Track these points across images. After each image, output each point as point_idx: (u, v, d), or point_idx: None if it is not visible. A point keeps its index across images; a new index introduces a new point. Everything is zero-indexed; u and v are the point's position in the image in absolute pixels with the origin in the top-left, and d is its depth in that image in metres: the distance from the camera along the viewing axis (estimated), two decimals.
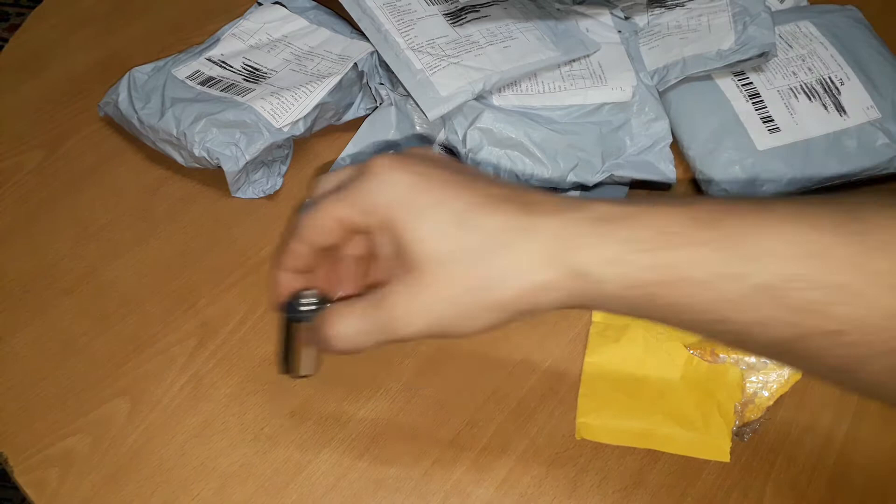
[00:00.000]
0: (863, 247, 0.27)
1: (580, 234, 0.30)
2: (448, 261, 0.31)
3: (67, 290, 0.49)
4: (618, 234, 0.29)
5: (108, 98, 0.55)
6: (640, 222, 0.29)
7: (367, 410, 0.44)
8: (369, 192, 0.32)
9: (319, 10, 0.60)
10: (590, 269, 0.29)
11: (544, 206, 0.31)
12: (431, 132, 0.55)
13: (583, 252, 0.30)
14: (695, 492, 0.42)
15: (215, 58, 0.56)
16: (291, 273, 0.36)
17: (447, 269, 0.31)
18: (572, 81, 0.54)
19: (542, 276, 0.30)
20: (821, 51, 0.56)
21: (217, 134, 0.50)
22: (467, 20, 0.56)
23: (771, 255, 0.28)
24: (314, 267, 0.36)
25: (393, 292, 0.32)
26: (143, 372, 0.46)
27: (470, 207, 0.31)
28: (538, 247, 0.30)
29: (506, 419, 0.44)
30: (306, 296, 0.35)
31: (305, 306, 0.35)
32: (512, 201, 0.31)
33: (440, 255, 0.31)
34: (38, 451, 0.43)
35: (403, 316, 0.31)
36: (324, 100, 0.52)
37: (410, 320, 0.31)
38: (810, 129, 0.53)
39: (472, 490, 0.42)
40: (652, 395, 0.44)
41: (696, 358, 0.45)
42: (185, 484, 0.42)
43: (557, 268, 0.30)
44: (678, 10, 0.59)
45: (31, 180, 0.54)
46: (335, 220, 0.33)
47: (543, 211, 0.31)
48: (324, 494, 0.42)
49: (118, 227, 0.52)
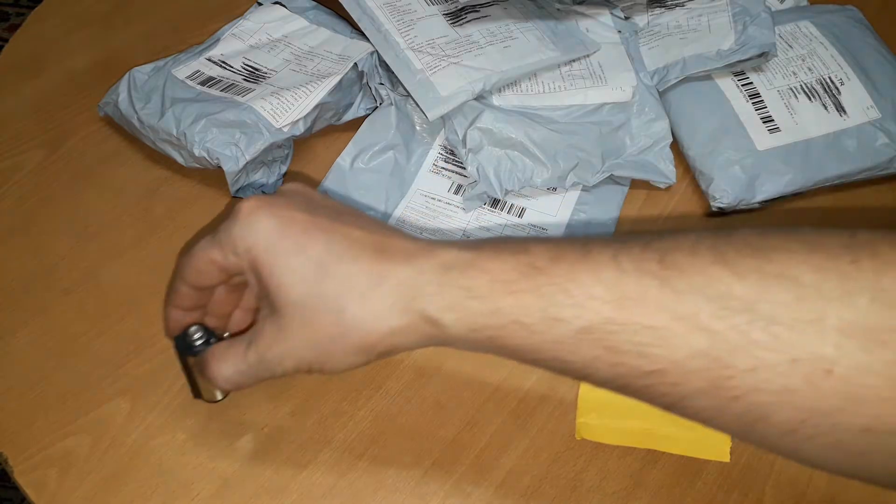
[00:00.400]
0: (673, 291, 0.28)
1: (426, 282, 0.32)
2: (309, 307, 0.33)
3: (67, 290, 0.49)
4: (457, 283, 0.31)
5: (108, 98, 0.55)
6: (477, 270, 0.31)
7: (367, 410, 0.44)
8: (236, 235, 0.34)
9: (319, 10, 0.60)
10: (435, 315, 0.32)
11: (397, 253, 0.33)
12: (431, 132, 0.55)
13: (427, 300, 0.32)
14: (695, 492, 0.42)
15: (215, 58, 0.56)
16: (180, 310, 0.38)
17: (309, 315, 0.33)
18: (572, 81, 0.54)
19: (396, 322, 0.32)
20: (821, 51, 0.56)
21: (217, 134, 0.50)
22: (467, 20, 0.56)
23: (590, 299, 0.29)
24: (202, 303, 0.38)
25: (263, 335, 0.34)
26: (143, 372, 0.46)
27: (328, 255, 0.33)
28: (390, 295, 0.32)
29: (506, 419, 0.44)
30: (194, 332, 0.38)
31: (195, 341, 0.38)
32: (368, 248, 0.33)
33: (302, 301, 0.33)
34: (38, 451, 0.43)
35: (275, 358, 0.34)
36: (324, 100, 0.52)
37: (281, 361, 0.34)
38: (810, 129, 0.53)
39: (472, 490, 0.42)
40: None
41: None
42: (185, 484, 0.42)
43: (409, 314, 0.32)
44: (678, 10, 0.59)
45: (31, 180, 0.54)
46: (208, 261, 0.35)
47: (395, 259, 0.33)
48: (324, 494, 0.42)
49: (118, 227, 0.52)
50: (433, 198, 0.53)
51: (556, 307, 0.30)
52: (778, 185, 0.51)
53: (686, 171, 0.55)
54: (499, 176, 0.50)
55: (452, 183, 0.53)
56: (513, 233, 0.51)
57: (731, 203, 0.51)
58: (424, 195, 0.53)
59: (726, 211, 0.52)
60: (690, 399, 0.29)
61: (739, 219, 0.52)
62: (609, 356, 0.30)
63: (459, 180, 0.53)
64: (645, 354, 0.29)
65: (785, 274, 0.27)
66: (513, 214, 0.52)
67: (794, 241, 0.28)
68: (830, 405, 0.27)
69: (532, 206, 0.52)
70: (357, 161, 0.53)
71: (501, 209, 0.52)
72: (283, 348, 0.33)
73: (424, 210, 0.52)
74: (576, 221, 0.52)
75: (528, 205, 0.52)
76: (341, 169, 0.53)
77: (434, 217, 0.52)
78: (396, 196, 0.52)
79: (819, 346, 0.26)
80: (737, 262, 0.28)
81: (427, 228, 0.51)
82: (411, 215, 0.52)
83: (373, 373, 0.46)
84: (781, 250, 0.28)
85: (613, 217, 0.52)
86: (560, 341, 0.30)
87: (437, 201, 0.52)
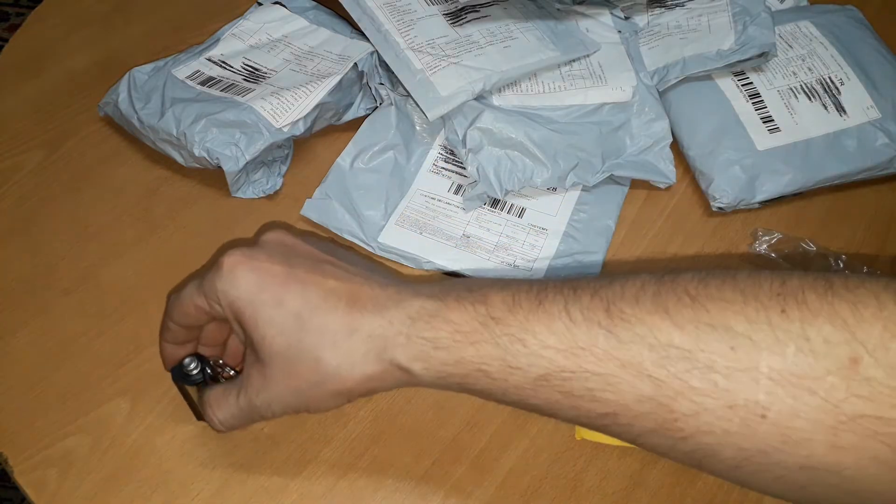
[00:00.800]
0: (618, 341, 0.31)
1: (395, 333, 0.34)
2: (290, 357, 0.35)
3: (67, 290, 0.49)
4: (423, 334, 0.34)
5: (108, 98, 0.55)
6: (441, 321, 0.34)
7: (367, 410, 0.44)
8: (219, 289, 0.36)
9: (319, 10, 0.60)
10: (405, 364, 0.34)
11: (367, 303, 0.35)
12: (431, 132, 0.55)
13: (397, 350, 0.34)
14: (695, 492, 0.42)
15: (215, 58, 0.56)
16: (173, 345, 0.41)
17: (290, 366, 0.35)
18: (572, 81, 0.55)
19: (370, 369, 0.35)
20: (821, 51, 0.56)
21: (217, 134, 0.50)
22: (467, 20, 0.56)
23: (545, 349, 0.32)
24: (192, 337, 0.41)
25: (251, 383, 0.37)
26: (143, 372, 0.45)
27: (306, 307, 0.35)
28: (363, 344, 0.34)
29: (506, 419, 0.44)
30: (189, 362, 0.40)
31: (191, 371, 0.40)
32: (343, 299, 0.35)
33: (283, 352, 0.35)
34: (38, 451, 0.43)
35: (262, 404, 0.36)
36: (324, 100, 0.52)
37: (270, 407, 0.36)
38: (810, 129, 0.53)
39: (472, 490, 0.42)
40: None
41: None
42: (185, 484, 0.42)
43: (381, 362, 0.34)
44: (678, 10, 0.59)
45: (31, 180, 0.54)
46: (194, 306, 0.37)
47: (366, 310, 0.35)
48: (324, 494, 0.42)
49: (118, 227, 0.52)
50: (433, 198, 0.53)
51: (513, 356, 0.32)
52: (778, 185, 0.51)
53: (686, 171, 0.55)
54: (499, 176, 0.50)
55: (452, 183, 0.53)
56: (512, 232, 0.51)
57: (731, 203, 0.51)
58: (424, 195, 0.53)
59: (727, 210, 0.52)
60: (644, 437, 0.32)
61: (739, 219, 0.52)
62: (567, 400, 0.32)
63: (459, 180, 0.53)
64: (597, 399, 0.31)
65: (720, 325, 0.30)
66: (513, 214, 0.52)
67: (730, 290, 0.30)
68: (768, 445, 0.29)
69: (532, 206, 0.52)
70: (357, 161, 0.53)
71: (501, 209, 0.52)
72: (270, 395, 0.36)
73: (424, 210, 0.52)
74: (576, 221, 0.52)
75: (528, 205, 0.52)
76: (341, 169, 0.53)
77: (434, 217, 0.52)
78: (396, 196, 0.52)
79: (753, 393, 0.29)
80: (676, 311, 0.30)
81: (427, 228, 0.51)
82: (411, 215, 0.52)
83: None
84: (717, 300, 0.30)
85: (613, 217, 0.52)
86: (521, 387, 0.33)
87: (437, 201, 0.52)
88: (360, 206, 0.52)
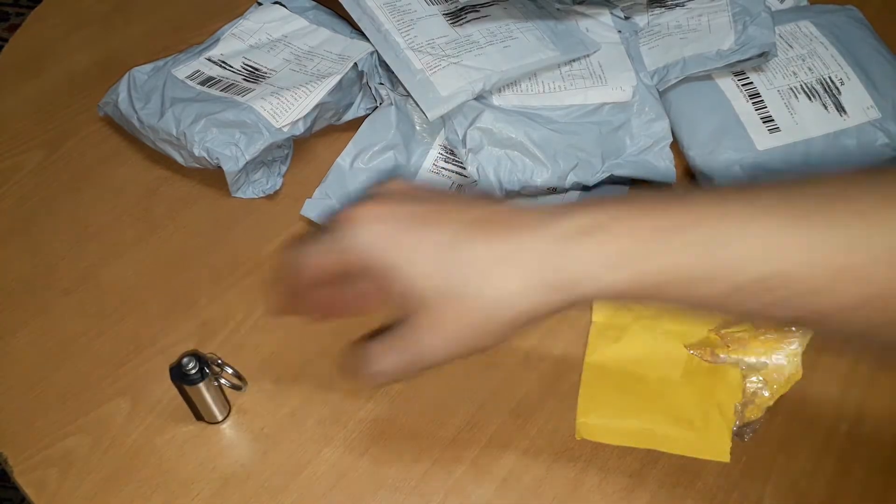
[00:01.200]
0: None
1: (562, 253, 0.32)
2: (447, 295, 0.33)
3: (67, 290, 0.49)
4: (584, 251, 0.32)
5: (108, 98, 0.55)
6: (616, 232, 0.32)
7: (367, 410, 0.44)
8: (350, 241, 0.34)
9: (319, 10, 0.60)
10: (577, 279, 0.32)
11: (521, 225, 0.33)
12: (431, 132, 0.55)
13: (567, 270, 0.32)
14: (695, 492, 0.42)
15: (215, 58, 0.56)
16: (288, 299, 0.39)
17: (449, 303, 0.33)
18: (572, 81, 0.54)
19: (535, 296, 0.32)
20: (821, 51, 0.56)
21: (217, 134, 0.50)
22: (467, 20, 0.56)
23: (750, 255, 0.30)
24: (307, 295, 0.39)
25: (414, 330, 0.35)
26: (143, 372, 0.45)
27: (452, 241, 0.33)
28: (525, 272, 0.32)
29: (506, 419, 0.44)
30: (188, 362, 0.40)
31: (189, 371, 0.40)
32: (489, 225, 0.33)
33: (437, 291, 0.33)
34: (38, 451, 0.43)
35: (429, 349, 0.35)
36: (324, 100, 0.52)
37: (436, 351, 0.35)
38: (810, 129, 0.53)
39: (472, 490, 0.42)
40: (652, 395, 0.44)
41: (696, 358, 0.45)
42: (185, 484, 0.42)
43: (547, 286, 0.32)
44: (678, 10, 0.59)
45: (31, 180, 0.54)
46: (321, 268, 0.36)
47: (522, 233, 0.33)
48: (324, 494, 0.42)
49: (118, 227, 0.52)
50: None
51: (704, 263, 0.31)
52: None
53: (686, 171, 0.55)
54: (499, 176, 0.50)
55: (452, 183, 0.53)
56: None
57: None
58: None
59: None
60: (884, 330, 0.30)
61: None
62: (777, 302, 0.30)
63: (459, 180, 0.53)
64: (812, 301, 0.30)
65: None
66: None
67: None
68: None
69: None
70: (357, 161, 0.53)
71: None
72: (438, 339, 0.34)
73: None
74: None
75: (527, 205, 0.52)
76: (341, 169, 0.53)
77: None
78: None
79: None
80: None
81: None
82: None
83: None
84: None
85: None
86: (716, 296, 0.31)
87: None
88: None
